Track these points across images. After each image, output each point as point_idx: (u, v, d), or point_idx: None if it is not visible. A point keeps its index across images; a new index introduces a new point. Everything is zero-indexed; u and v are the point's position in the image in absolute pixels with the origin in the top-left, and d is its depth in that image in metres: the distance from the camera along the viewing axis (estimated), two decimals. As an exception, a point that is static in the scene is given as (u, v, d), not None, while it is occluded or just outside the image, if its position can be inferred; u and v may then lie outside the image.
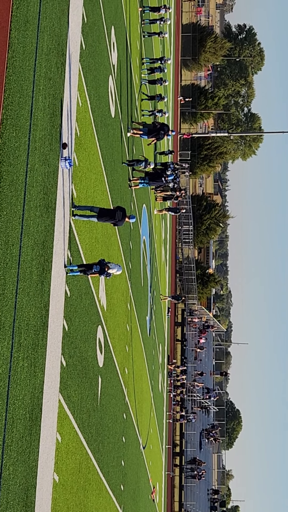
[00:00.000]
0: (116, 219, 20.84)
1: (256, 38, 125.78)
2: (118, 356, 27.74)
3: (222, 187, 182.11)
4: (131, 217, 23.04)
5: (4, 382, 12.68)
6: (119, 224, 21.30)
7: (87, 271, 18.79)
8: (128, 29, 32.48)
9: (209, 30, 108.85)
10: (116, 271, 19.52)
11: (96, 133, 22.97)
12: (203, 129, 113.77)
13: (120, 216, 20.89)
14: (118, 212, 20.81)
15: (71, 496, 18.16)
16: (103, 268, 18.84)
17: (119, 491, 27.58)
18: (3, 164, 12.73)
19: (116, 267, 19.50)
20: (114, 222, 20.98)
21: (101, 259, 19.10)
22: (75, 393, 18.95)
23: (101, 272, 18.86)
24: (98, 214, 20.31)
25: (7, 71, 13.02)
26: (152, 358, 45.23)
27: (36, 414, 14.73)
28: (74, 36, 19.58)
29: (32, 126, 14.72)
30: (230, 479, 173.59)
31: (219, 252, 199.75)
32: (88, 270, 18.78)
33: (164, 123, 33.66)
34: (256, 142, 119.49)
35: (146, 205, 41.55)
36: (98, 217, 20.39)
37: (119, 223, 21.21)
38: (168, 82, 51.06)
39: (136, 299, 35.09)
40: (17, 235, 13.55)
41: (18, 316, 13.50)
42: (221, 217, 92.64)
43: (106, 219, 20.76)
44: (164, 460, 58.04)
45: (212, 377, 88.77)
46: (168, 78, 61.21)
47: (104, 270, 18.87)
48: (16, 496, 13.17)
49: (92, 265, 18.88)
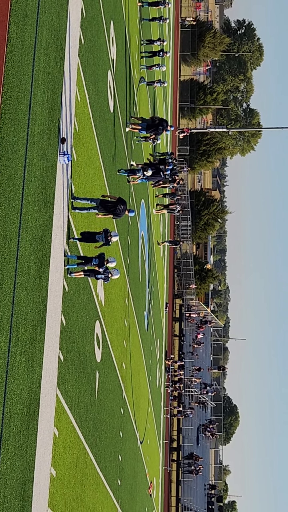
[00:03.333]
0: (117, 211, 20.82)
1: (255, 33, 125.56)
2: (116, 351, 27.75)
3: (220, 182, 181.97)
4: (130, 211, 23.05)
5: (2, 376, 12.69)
6: (119, 216, 21.29)
7: (86, 264, 18.80)
8: (127, 24, 32.43)
9: (208, 25, 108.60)
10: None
11: (95, 128, 22.96)
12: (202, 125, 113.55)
13: (121, 210, 20.88)
14: (119, 206, 20.78)
15: (68, 491, 18.19)
16: (102, 261, 18.84)
17: (116, 486, 27.62)
18: (2, 158, 12.72)
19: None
20: (114, 214, 20.94)
21: (101, 253, 19.10)
22: (73, 388, 18.96)
23: (100, 265, 18.85)
24: (99, 205, 20.28)
25: (6, 65, 13.00)
26: (149, 353, 45.26)
27: (33, 409, 14.74)
28: (73, 30, 19.55)
29: (31, 121, 14.70)
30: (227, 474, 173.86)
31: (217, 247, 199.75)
32: (87, 262, 18.79)
33: (163, 118, 33.63)
34: (254, 137, 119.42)
35: (145, 200, 41.53)
36: (98, 209, 20.36)
37: (118, 216, 21.20)
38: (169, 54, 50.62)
39: (134, 294, 35.10)
40: (15, 229, 13.55)
41: (16, 311, 13.51)
42: (219, 213, 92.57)
43: (106, 211, 20.72)
44: (161, 455, 58.12)
45: (209, 373, 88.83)
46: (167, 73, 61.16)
47: (103, 264, 18.88)
48: (13, 490, 13.19)
49: (92, 258, 18.90)
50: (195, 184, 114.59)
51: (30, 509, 14.30)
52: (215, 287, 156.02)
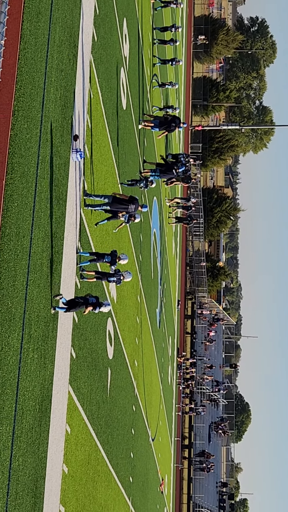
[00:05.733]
0: (129, 210, 20.78)
1: (268, 30, 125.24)
2: (128, 348, 27.76)
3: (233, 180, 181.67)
4: (143, 207, 23.04)
5: (14, 373, 12.71)
6: (131, 214, 21.23)
7: (98, 260, 18.82)
8: (140, 21, 32.40)
9: (221, 23, 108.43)
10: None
11: (108, 125, 22.95)
12: (215, 122, 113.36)
13: (133, 208, 20.84)
14: (131, 205, 20.73)
15: (80, 488, 18.21)
16: (114, 259, 18.84)
17: (128, 483, 27.64)
18: (15, 155, 12.74)
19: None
20: (126, 212, 20.89)
21: (113, 250, 19.11)
22: (85, 385, 18.98)
23: (112, 262, 18.87)
24: (111, 202, 20.25)
25: (19, 62, 13.00)
26: (161, 351, 45.26)
27: (45, 406, 14.77)
28: (86, 28, 19.54)
29: (44, 118, 14.71)
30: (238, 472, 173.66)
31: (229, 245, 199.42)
32: (99, 259, 18.80)
33: (176, 116, 33.58)
34: (267, 135, 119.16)
35: (157, 197, 41.51)
36: (111, 206, 20.32)
37: (131, 213, 21.14)
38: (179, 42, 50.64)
39: (146, 291, 35.09)
40: (28, 226, 13.56)
41: (28, 308, 13.52)
42: (231, 210, 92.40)
43: (119, 208, 20.66)
44: (173, 453, 58.14)
45: (221, 370, 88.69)
46: (179, 70, 61.09)
47: (115, 261, 18.89)
48: (26, 487, 13.22)
49: (104, 254, 18.91)
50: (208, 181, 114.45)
51: (42, 506, 14.33)
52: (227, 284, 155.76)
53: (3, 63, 11.60)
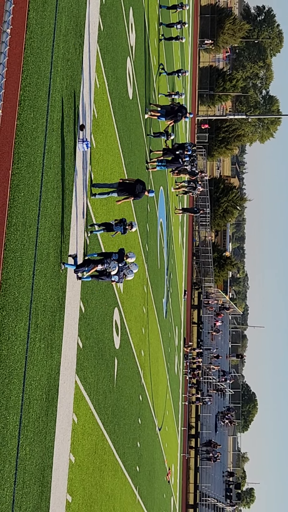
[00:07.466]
0: (136, 192, 20.78)
1: (275, 19, 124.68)
2: (135, 338, 27.79)
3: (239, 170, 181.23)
4: (150, 192, 23.00)
5: (21, 363, 12.73)
6: (138, 197, 21.25)
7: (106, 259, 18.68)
8: (146, 10, 32.29)
9: (227, 12, 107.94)
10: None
11: (114, 115, 22.91)
12: (221, 112, 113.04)
13: (140, 189, 20.85)
14: (138, 185, 20.76)
15: (87, 477, 18.27)
16: (121, 256, 18.74)
17: (135, 472, 27.72)
18: (21, 145, 12.72)
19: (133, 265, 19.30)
20: (134, 195, 20.89)
21: (121, 248, 19.00)
22: (92, 375, 19.02)
23: (120, 260, 18.76)
24: (118, 187, 20.24)
25: (25, 52, 12.98)
26: (168, 341, 45.30)
27: (52, 395, 14.80)
28: (92, 17, 19.48)
29: (50, 108, 14.69)
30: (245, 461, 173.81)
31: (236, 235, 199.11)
32: (107, 258, 18.65)
33: (182, 105, 33.52)
34: (274, 124, 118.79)
35: (164, 187, 41.46)
36: (118, 191, 20.32)
37: (138, 197, 21.16)
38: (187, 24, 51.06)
39: (153, 281, 35.10)
40: (35, 216, 13.56)
41: (35, 298, 13.54)
42: (238, 200, 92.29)
43: (126, 193, 20.65)
44: (179, 442, 58.27)
45: (228, 360, 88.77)
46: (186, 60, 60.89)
47: (123, 259, 18.77)
48: (33, 476, 13.26)
49: (111, 253, 18.80)
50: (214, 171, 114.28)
51: (49, 495, 14.39)
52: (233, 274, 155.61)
53: (9, 52, 11.57)
